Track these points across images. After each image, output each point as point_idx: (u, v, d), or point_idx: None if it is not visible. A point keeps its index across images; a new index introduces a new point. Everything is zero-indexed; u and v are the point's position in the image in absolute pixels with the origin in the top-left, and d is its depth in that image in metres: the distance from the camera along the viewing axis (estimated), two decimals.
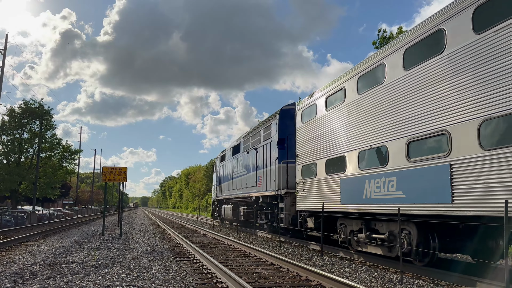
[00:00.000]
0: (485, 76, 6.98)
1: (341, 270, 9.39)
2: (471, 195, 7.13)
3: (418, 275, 8.66)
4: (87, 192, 79.91)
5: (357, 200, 10.71)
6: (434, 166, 8.03)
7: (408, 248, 9.03)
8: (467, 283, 7.52)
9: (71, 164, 42.82)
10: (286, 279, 8.27)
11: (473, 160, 7.08)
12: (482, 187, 6.89)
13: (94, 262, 10.13)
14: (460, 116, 7.42)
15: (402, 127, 9.08)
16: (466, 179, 7.26)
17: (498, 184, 6.56)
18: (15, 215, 27.04)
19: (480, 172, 6.94)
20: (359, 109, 10.84)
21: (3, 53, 36.00)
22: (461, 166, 7.36)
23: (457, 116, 7.49)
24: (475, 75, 7.19)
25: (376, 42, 24.85)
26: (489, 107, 6.84)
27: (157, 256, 11.44)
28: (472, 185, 7.11)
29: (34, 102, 37.12)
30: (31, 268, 9.19)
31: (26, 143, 36.54)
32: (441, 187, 7.77)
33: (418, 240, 8.90)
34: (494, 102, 6.74)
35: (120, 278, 8.00)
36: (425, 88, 8.40)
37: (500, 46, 6.74)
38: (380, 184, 9.76)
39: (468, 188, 7.20)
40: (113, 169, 19.34)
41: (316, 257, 11.54)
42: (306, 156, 14.02)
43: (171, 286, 7.31)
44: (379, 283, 7.94)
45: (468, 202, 7.20)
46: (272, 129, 18.28)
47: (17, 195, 37.00)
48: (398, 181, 9.08)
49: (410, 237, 9.11)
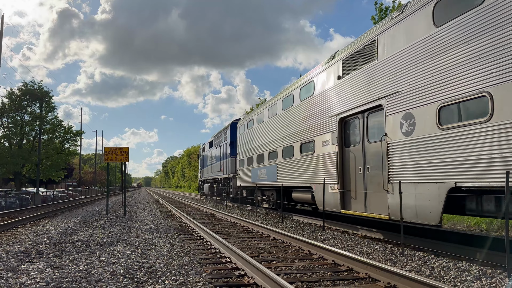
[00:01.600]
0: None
1: (343, 244, 9.50)
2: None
3: (419, 247, 8.77)
4: (90, 173, 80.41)
5: (256, 180, 19.85)
6: (273, 165, 17.26)
7: (273, 202, 18.58)
8: (467, 254, 7.62)
9: (73, 146, 42.89)
10: (289, 253, 8.39)
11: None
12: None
13: (99, 241, 10.26)
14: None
15: (272, 142, 17.74)
16: (281, 170, 16.53)
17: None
18: (19, 197, 27.30)
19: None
20: (263, 128, 19.08)
21: (0, 34, 35.64)
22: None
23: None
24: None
25: (375, 17, 24.16)
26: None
27: (161, 234, 11.58)
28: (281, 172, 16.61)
29: (33, 84, 36.94)
30: (37, 247, 9.32)
31: (27, 125, 36.53)
32: (275, 174, 16.81)
33: (277, 198, 17.78)
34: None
35: (125, 255, 8.11)
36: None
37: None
38: (262, 172, 18.93)
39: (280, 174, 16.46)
40: (115, 149, 19.39)
41: (318, 232, 11.66)
42: (241, 154, 23.28)
43: (176, 262, 7.41)
44: (381, 255, 8.04)
45: (280, 180, 16.52)
46: (227, 134, 27.84)
47: (21, 177, 37.23)
48: (265, 171, 18.36)
49: (273, 197, 18.31)
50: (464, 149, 7.05)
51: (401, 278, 5.56)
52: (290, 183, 15.22)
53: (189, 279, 6.09)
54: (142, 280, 6.07)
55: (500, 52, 6.46)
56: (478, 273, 6.29)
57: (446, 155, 7.46)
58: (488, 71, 6.65)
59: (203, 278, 6.15)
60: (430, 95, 7.89)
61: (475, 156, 6.84)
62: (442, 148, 7.56)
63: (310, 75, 13.86)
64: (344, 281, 6.06)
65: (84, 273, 6.52)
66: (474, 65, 6.93)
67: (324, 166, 12.35)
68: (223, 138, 29.24)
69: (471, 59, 6.99)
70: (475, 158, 6.83)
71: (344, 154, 11.43)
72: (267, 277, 5.63)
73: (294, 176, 14.81)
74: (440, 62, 7.70)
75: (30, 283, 5.91)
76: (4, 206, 23.85)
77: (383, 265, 6.14)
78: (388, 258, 7.70)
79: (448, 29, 7.58)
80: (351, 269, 6.70)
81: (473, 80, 6.93)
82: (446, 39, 7.62)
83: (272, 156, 17.44)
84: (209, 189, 36.06)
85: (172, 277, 6.23)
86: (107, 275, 6.32)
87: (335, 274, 6.49)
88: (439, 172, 7.61)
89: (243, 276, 6.35)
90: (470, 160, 6.92)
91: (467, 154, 6.98)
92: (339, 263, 7.12)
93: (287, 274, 6.43)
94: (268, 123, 18.09)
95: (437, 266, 6.88)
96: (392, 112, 9.08)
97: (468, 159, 6.97)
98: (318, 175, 12.70)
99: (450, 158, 7.36)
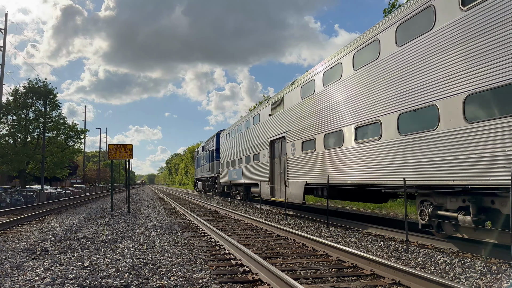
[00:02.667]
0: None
1: (347, 240, 9.50)
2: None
3: (424, 243, 8.75)
4: (94, 171, 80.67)
5: (231, 179, 26.10)
6: (240, 168, 23.63)
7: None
8: (472, 250, 7.60)
9: (77, 143, 42.99)
10: (293, 250, 8.40)
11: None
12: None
13: (104, 238, 10.31)
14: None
15: (239, 152, 24.14)
16: (244, 172, 22.71)
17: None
18: (24, 194, 27.43)
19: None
20: (235, 141, 25.37)
21: (4, 33, 35.72)
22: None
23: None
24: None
25: (387, 11, 24.06)
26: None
27: (166, 231, 11.62)
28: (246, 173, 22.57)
29: (38, 82, 37.01)
30: (42, 244, 9.37)
31: (31, 123, 36.63)
32: (241, 174, 23.14)
33: (240, 191, 24.93)
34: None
35: (130, 252, 8.15)
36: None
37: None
38: (234, 173, 25.13)
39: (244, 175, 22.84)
40: (119, 146, 19.45)
41: (322, 229, 11.66)
42: (222, 159, 29.56)
43: (180, 258, 7.44)
44: (385, 251, 8.03)
45: (244, 179, 22.85)
46: (214, 142, 33.72)
47: (26, 175, 37.38)
48: (236, 172, 24.38)
49: (241, 191, 24.25)
50: (310, 165, 13.64)
51: (406, 274, 5.56)
52: (249, 181, 21.64)
53: (194, 275, 6.11)
54: (147, 276, 6.09)
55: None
56: (483, 269, 6.27)
57: (304, 167, 14.10)
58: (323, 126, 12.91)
59: (207, 274, 6.17)
60: (299, 134, 14.59)
61: (314, 169, 13.29)
62: (303, 163, 14.19)
63: (257, 110, 20.96)
64: (349, 278, 6.06)
65: (89, 269, 6.55)
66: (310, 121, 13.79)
67: (263, 170, 19.12)
68: (211, 145, 35.34)
69: (308, 120, 13.92)
70: (315, 170, 13.23)
71: (272, 163, 18.15)
72: (272, 274, 5.63)
73: (251, 176, 21.40)
74: (305, 118, 14.11)
75: (36, 279, 5.95)
76: (9, 203, 23.98)
77: (388, 261, 6.14)
78: (392, 255, 7.70)
79: (304, 103, 14.37)
80: (355, 266, 6.70)
81: (315, 131, 13.40)
82: (299, 110, 14.79)
83: (239, 161, 24.12)
84: (202, 186, 43.40)
85: (177, 273, 6.25)
86: (113, 272, 6.35)
87: (339, 270, 6.49)
88: (302, 176, 14.32)
89: (247, 272, 6.36)
90: (312, 171, 13.46)
91: (311, 168, 13.57)
92: (343, 260, 7.12)
93: (291, 270, 6.44)
94: (238, 137, 24.78)
95: (442, 262, 6.87)
96: (289, 141, 15.72)
97: (311, 170, 13.52)
98: (261, 175, 19.48)
99: (305, 169, 14.07)
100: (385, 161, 9.38)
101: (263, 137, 18.98)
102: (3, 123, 35.59)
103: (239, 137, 24.17)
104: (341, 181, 11.52)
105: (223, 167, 29.13)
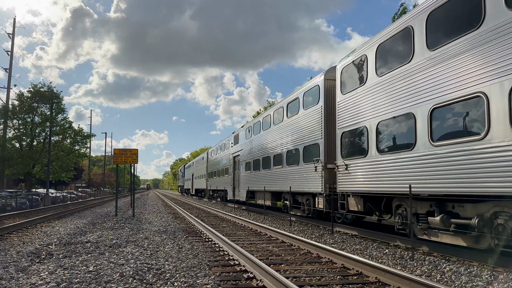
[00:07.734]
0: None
1: (352, 247, 9.45)
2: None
3: (430, 251, 8.69)
4: (99, 175, 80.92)
5: (213, 186, 37.08)
6: (220, 178, 34.32)
7: (221, 197, 35.72)
8: (479, 259, 7.53)
9: (83, 148, 43.13)
10: (297, 256, 8.36)
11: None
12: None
13: (108, 242, 10.32)
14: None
15: (214, 167, 37.60)
16: (220, 181, 34.47)
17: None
18: (29, 198, 27.55)
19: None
20: (211, 161, 39.62)
21: (12, 37, 36.04)
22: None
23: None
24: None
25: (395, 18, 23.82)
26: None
27: (170, 235, 11.61)
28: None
29: (43, 85, 37.21)
30: (47, 248, 9.39)
31: (37, 127, 36.82)
32: (220, 182, 33.88)
33: (222, 195, 34.67)
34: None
35: (134, 257, 8.15)
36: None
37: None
38: (215, 181, 36.05)
39: (220, 183, 34.43)
40: (124, 151, 19.51)
41: (326, 235, 11.61)
42: (208, 173, 41.28)
43: (184, 264, 7.42)
44: (390, 259, 7.98)
45: (221, 186, 34.12)
46: (201, 161, 47.65)
47: (31, 178, 37.56)
48: (217, 180, 36.07)
49: (221, 194, 34.87)
50: (253, 180, 21.99)
51: (411, 282, 5.51)
52: (223, 188, 31.41)
53: (198, 281, 6.09)
54: (151, 281, 6.08)
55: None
56: (490, 278, 6.21)
57: (248, 180, 23.04)
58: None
59: (211, 280, 6.15)
60: (247, 156, 23.75)
61: (255, 182, 21.66)
62: (248, 178, 23.22)
63: (226, 139, 31.45)
64: (354, 285, 6.01)
65: (93, 274, 6.55)
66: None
67: (229, 180, 28.86)
68: (202, 162, 46.80)
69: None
70: (255, 183, 21.59)
71: (234, 175, 27.42)
72: (276, 280, 5.61)
73: (223, 184, 31.42)
74: (253, 143, 22.83)
75: (40, 283, 5.95)
76: (15, 207, 24.09)
77: (393, 269, 6.09)
78: (398, 263, 7.64)
79: (250, 140, 23.89)
80: (360, 273, 6.65)
81: (259, 152, 21.54)
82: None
83: (215, 174, 35.19)
84: (185, 191, 61.79)
85: (181, 279, 6.23)
86: (117, 276, 6.35)
87: (344, 278, 6.45)
88: (247, 184, 23.34)
89: (251, 279, 6.33)
90: (252, 183, 22.17)
91: (252, 181, 22.16)
92: (348, 267, 7.08)
93: (296, 277, 6.41)
94: (213, 158, 37.22)
95: (448, 270, 6.81)
96: (242, 160, 24.96)
97: (252, 183, 22.10)
98: (228, 183, 29.42)
99: (248, 181, 23.00)
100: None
101: (230, 154, 29.17)
102: (9, 127, 35.84)
103: (214, 157, 37.04)
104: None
105: (209, 177, 40.91)
